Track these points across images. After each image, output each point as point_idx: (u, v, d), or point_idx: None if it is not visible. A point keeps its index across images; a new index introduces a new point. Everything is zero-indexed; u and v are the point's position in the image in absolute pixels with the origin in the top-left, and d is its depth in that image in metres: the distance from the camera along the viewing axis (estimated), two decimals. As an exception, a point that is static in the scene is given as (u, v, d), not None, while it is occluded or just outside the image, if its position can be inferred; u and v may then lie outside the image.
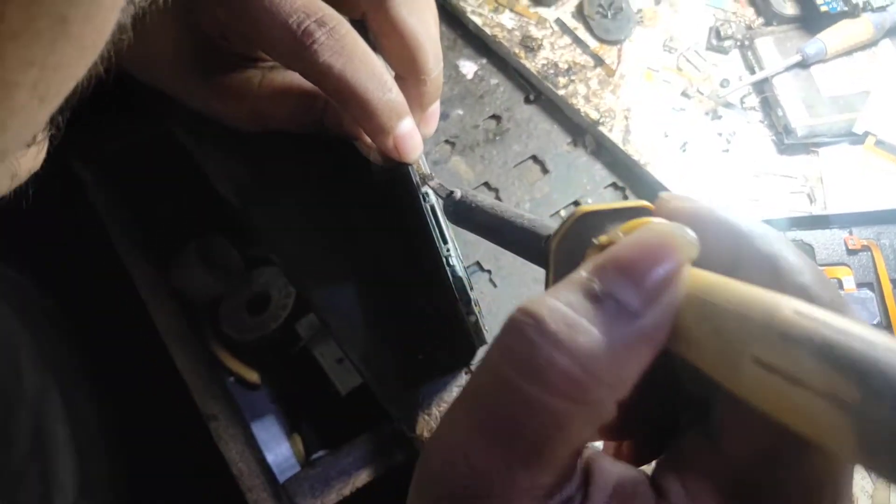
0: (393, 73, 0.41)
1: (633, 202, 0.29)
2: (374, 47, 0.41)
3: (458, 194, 0.38)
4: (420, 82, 0.41)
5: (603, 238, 0.27)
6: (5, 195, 0.22)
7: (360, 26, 0.40)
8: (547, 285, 0.29)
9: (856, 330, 0.20)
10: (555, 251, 0.29)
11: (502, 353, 0.24)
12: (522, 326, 0.23)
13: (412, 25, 0.39)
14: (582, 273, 0.24)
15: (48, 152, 0.23)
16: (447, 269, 0.40)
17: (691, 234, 0.24)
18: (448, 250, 0.41)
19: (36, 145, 0.22)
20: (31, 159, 0.23)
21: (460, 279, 0.40)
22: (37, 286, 0.61)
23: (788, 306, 0.21)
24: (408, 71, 0.41)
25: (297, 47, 0.37)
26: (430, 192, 0.41)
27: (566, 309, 0.23)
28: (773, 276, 0.24)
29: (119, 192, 0.61)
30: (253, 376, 0.61)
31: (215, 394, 0.49)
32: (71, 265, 0.63)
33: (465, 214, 0.38)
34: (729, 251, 0.25)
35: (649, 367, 0.24)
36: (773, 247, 0.24)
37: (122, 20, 0.18)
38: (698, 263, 0.25)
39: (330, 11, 0.37)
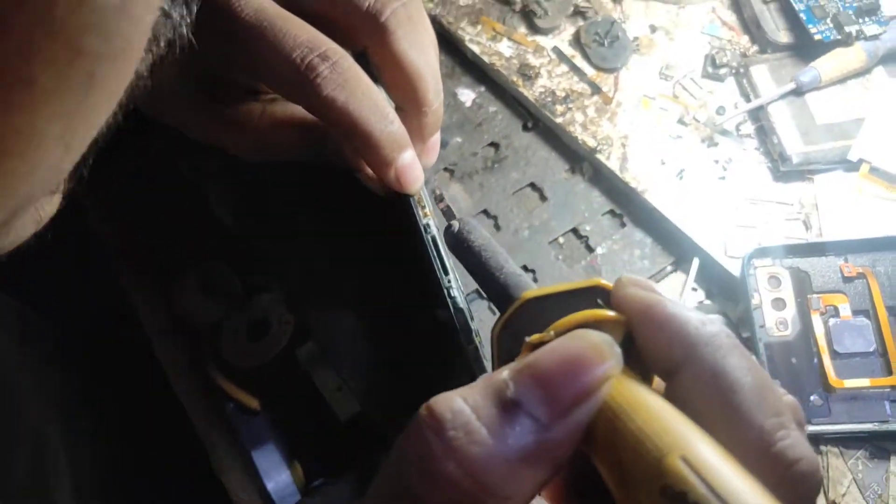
0: (394, 105, 0.41)
1: (584, 282, 0.29)
2: (376, 79, 0.41)
3: (455, 227, 0.38)
4: (421, 114, 0.41)
5: (535, 337, 0.27)
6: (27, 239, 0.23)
7: (363, 59, 0.41)
8: (493, 367, 0.29)
9: (732, 489, 0.20)
10: (497, 337, 0.30)
11: (402, 449, 0.24)
12: (422, 427, 0.23)
13: (413, 59, 0.40)
14: (503, 374, 0.24)
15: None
16: (448, 300, 0.41)
17: (617, 350, 0.25)
18: (449, 281, 0.41)
19: (59, 192, 0.22)
20: (54, 205, 0.23)
21: (461, 310, 0.41)
22: (38, 315, 0.62)
23: (679, 450, 0.21)
24: (409, 103, 0.41)
25: (301, 81, 0.37)
26: (432, 223, 0.42)
27: (469, 414, 0.23)
28: (709, 388, 0.24)
29: (119, 220, 0.61)
30: (253, 403, 0.61)
31: (216, 422, 0.49)
32: (72, 293, 0.63)
33: (457, 250, 0.38)
34: (675, 349, 0.25)
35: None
36: (714, 357, 0.24)
37: (139, 69, 0.19)
38: (646, 353, 0.25)
39: (333, 46, 0.38)
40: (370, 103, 0.38)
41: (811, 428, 0.41)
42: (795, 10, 0.53)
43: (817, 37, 0.52)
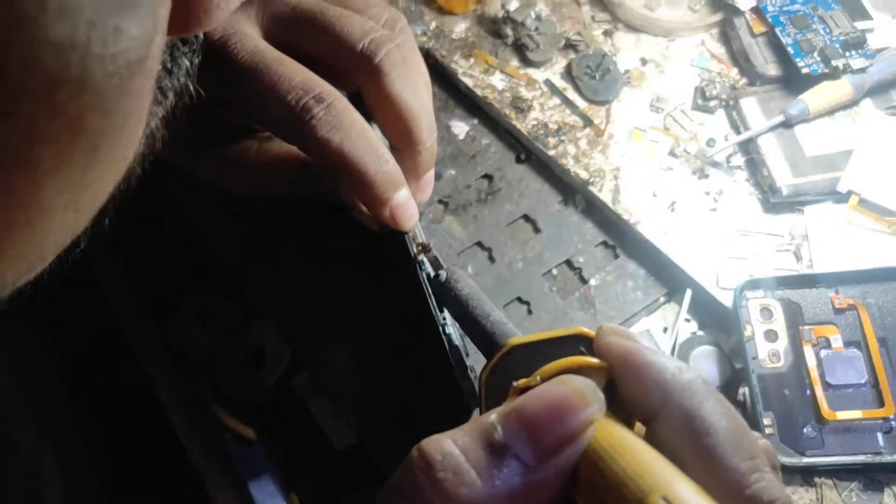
0: (388, 144, 0.42)
1: (568, 330, 0.30)
2: (370, 118, 0.42)
3: (442, 276, 0.39)
4: (415, 152, 0.42)
5: (521, 382, 0.28)
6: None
7: (357, 98, 0.41)
8: (481, 410, 0.31)
9: None
10: (484, 383, 0.31)
11: (394, 489, 0.25)
12: (413, 467, 0.25)
13: (407, 99, 0.40)
14: (491, 418, 0.25)
15: None
16: (443, 337, 0.41)
17: (600, 395, 0.26)
18: (444, 318, 0.42)
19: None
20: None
21: (456, 347, 0.41)
22: (33, 345, 0.62)
23: (661, 490, 0.22)
24: (403, 142, 0.42)
25: (296, 123, 0.38)
26: (426, 260, 0.42)
27: (459, 456, 0.24)
28: (686, 431, 0.25)
29: (114, 250, 0.62)
30: (249, 432, 0.61)
31: (211, 453, 0.49)
32: (67, 323, 0.63)
33: (445, 300, 0.39)
34: (652, 396, 0.26)
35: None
36: (691, 402, 0.25)
37: (152, 125, 0.19)
38: (626, 399, 0.27)
39: (328, 88, 0.39)
40: (365, 144, 0.39)
41: (805, 460, 0.42)
42: (783, 44, 0.54)
43: (805, 70, 0.53)
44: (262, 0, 0.41)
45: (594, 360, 0.28)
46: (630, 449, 0.24)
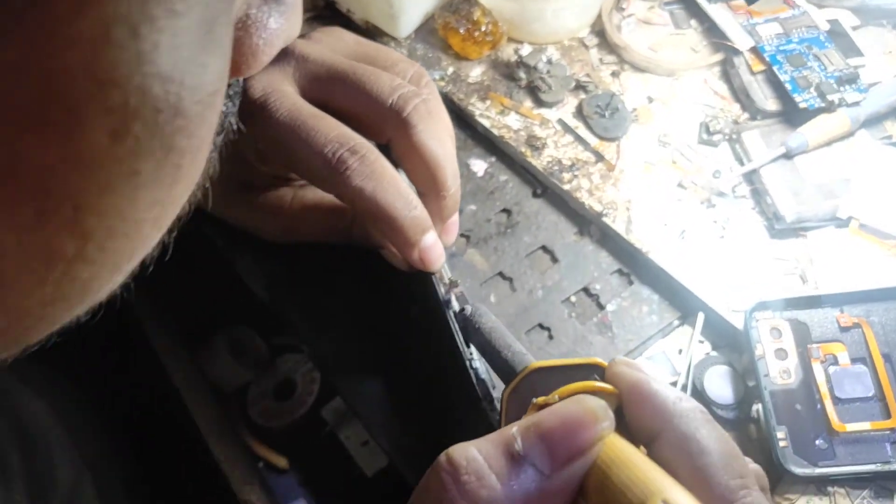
0: (415, 190, 0.45)
1: (584, 360, 0.34)
2: (397, 166, 0.45)
3: (468, 311, 0.43)
4: (440, 197, 0.45)
5: (540, 399, 0.32)
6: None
7: (385, 148, 0.45)
8: (500, 425, 0.34)
9: None
10: (506, 399, 0.35)
11: (422, 489, 0.29)
12: (441, 470, 0.28)
13: (433, 149, 0.44)
14: (513, 429, 0.29)
15: None
16: (471, 371, 0.44)
17: (610, 414, 0.30)
18: (471, 354, 0.44)
19: None
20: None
21: (483, 381, 0.44)
22: (69, 379, 0.64)
23: (661, 494, 0.26)
24: (429, 188, 0.45)
25: (332, 173, 0.41)
26: (453, 298, 0.45)
27: (482, 462, 0.28)
28: (683, 452, 0.28)
29: (150, 285, 0.65)
30: (281, 461, 0.63)
31: (251, 480, 0.51)
32: (102, 356, 0.66)
33: (470, 333, 0.43)
34: (655, 420, 0.30)
35: None
36: (689, 427, 0.29)
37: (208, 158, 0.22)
38: (632, 422, 0.30)
39: (360, 140, 0.42)
40: (395, 191, 0.42)
41: (818, 470, 0.44)
42: (781, 81, 0.57)
43: (802, 105, 0.56)
44: (298, 60, 0.45)
45: (606, 386, 0.32)
46: (634, 461, 0.28)
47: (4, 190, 0.16)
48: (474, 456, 0.28)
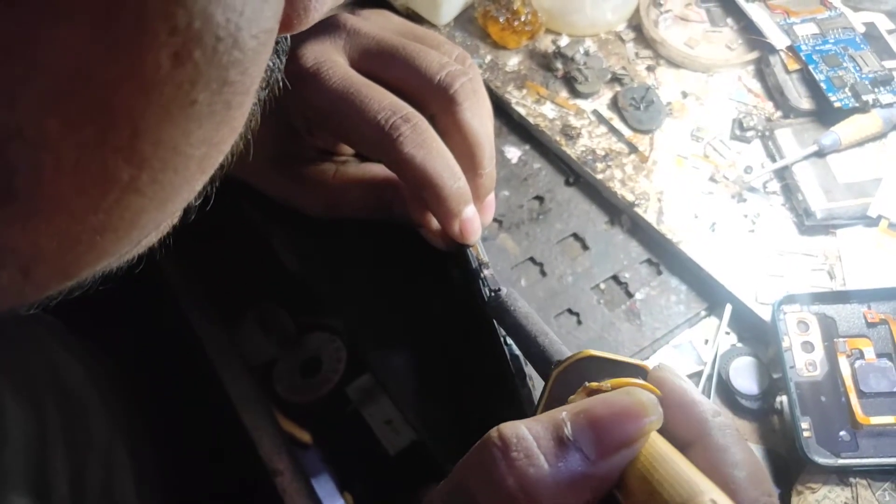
0: None
1: (633, 360, 0.35)
2: None
3: (503, 293, 0.43)
4: (477, 176, 0.46)
5: (593, 384, 0.33)
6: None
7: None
8: (540, 399, 0.35)
9: None
10: (554, 378, 0.35)
11: (470, 461, 0.30)
12: (491, 446, 0.29)
13: (475, 127, 0.45)
14: (563, 413, 0.30)
15: None
16: (504, 346, 0.45)
17: (660, 409, 0.30)
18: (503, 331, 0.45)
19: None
20: (175, 219, 0.26)
21: (517, 357, 0.45)
22: (102, 349, 0.66)
23: (710, 493, 0.27)
24: (468, 166, 0.46)
25: (384, 139, 0.42)
26: (487, 273, 0.46)
27: (531, 441, 0.29)
28: (718, 463, 0.30)
29: (185, 259, 0.66)
30: (305, 437, 0.64)
31: (280, 450, 0.53)
32: (138, 328, 0.67)
33: (501, 314, 0.43)
34: (692, 428, 0.31)
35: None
36: (724, 439, 0.30)
37: (249, 114, 0.22)
38: (668, 427, 0.31)
39: (412, 110, 0.43)
40: (443, 162, 0.43)
41: (840, 461, 0.44)
42: (816, 80, 0.58)
43: (837, 104, 0.57)
44: (350, 33, 0.46)
45: (652, 388, 0.32)
46: (678, 460, 0.29)
47: (72, 102, 0.16)
48: (524, 434, 0.29)
